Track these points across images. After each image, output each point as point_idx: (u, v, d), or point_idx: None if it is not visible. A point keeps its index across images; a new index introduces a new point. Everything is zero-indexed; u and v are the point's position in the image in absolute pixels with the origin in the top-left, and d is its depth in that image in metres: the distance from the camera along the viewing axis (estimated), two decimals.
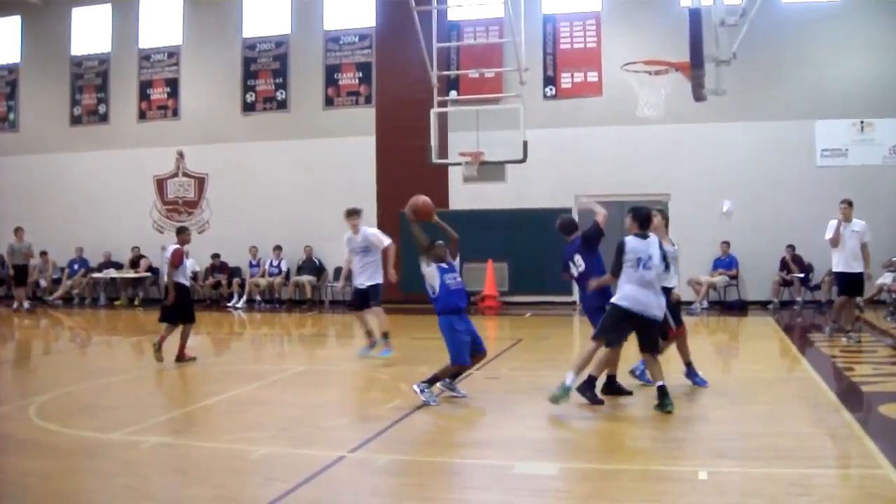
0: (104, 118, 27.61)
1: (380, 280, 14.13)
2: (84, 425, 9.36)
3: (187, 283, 14.28)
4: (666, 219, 11.40)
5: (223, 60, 26.21)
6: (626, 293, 9.61)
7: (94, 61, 27.70)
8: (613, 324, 9.70)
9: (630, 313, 9.58)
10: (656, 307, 9.72)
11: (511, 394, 10.63)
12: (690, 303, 20.99)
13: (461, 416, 9.58)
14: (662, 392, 9.36)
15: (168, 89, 26.92)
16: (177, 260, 13.78)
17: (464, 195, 23.37)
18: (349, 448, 8.07)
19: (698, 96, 14.51)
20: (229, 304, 24.30)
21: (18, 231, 24.61)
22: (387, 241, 14.19)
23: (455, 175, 22.62)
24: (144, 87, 27.17)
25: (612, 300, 9.78)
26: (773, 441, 8.17)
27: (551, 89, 23.27)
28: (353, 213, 14.47)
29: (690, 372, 10.99)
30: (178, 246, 13.83)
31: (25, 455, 8.18)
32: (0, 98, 28.75)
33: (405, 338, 15.78)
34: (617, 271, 9.70)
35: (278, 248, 24.64)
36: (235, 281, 24.97)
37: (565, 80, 23.19)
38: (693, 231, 21.36)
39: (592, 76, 22.95)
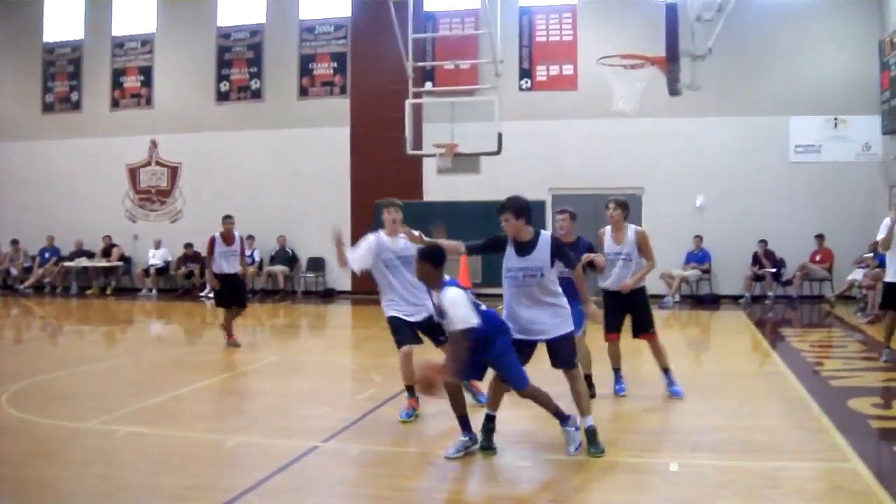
0: (77, 106, 27.39)
1: None
2: (57, 414, 9.33)
3: (229, 269, 14.57)
4: (628, 210, 10.17)
5: (197, 49, 26.06)
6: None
7: (67, 48, 27.46)
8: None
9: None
10: None
11: (486, 386, 10.63)
12: (663, 296, 21.12)
13: (435, 407, 9.59)
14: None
15: (141, 77, 26.72)
16: (208, 249, 14.58)
17: (438, 186, 23.36)
18: (323, 438, 8.09)
19: (673, 91, 14.59)
20: (202, 294, 24.19)
21: None
22: None
23: (429, 166, 22.56)
24: (117, 75, 26.95)
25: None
26: (743, 434, 8.25)
27: (527, 82, 23.29)
28: (396, 206, 9.34)
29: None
30: (214, 234, 14.49)
31: None
32: None
33: (375, 329, 15.76)
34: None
35: (251, 238, 24.56)
36: (207, 271, 24.82)
37: (541, 73, 23.22)
38: (666, 225, 21.47)
39: (568, 69, 22.99)
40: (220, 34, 25.92)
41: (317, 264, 24.19)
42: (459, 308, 7.11)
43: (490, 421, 7.76)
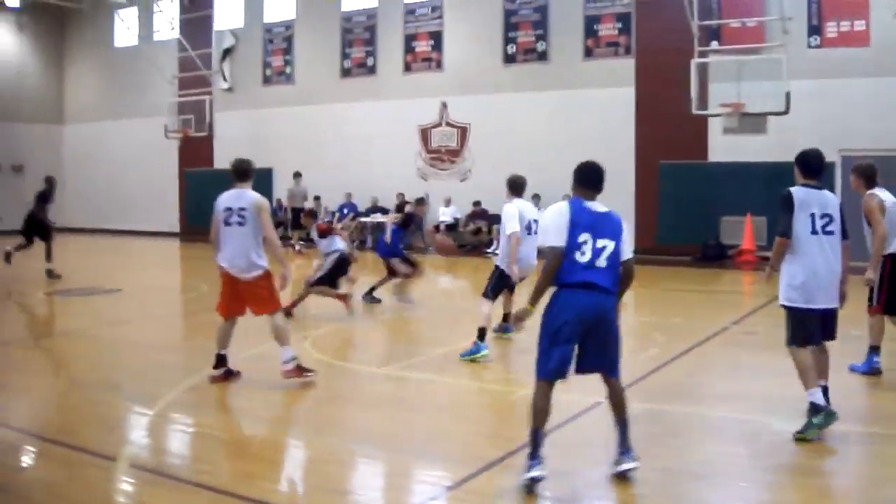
0: (372, 70, 28.84)
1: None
2: (353, 358, 10.16)
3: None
4: (865, 177, 9.25)
5: (485, 13, 26.74)
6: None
7: (363, 16, 28.91)
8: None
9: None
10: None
11: (766, 350, 10.60)
12: None
13: (716, 369, 9.69)
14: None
15: (432, 42, 27.75)
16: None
17: (723, 147, 22.94)
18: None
19: None
20: (488, 250, 24.96)
21: (297, 176, 26.45)
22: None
23: (714, 126, 22.25)
24: (409, 40, 28.13)
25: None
26: None
27: (816, 39, 22.42)
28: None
29: None
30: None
31: (301, 383, 8.91)
32: (278, 53, 30.59)
33: (657, 290, 15.89)
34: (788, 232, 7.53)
35: (536, 197, 25.03)
36: (495, 228, 25.58)
37: (830, 30, 22.29)
38: None
39: (860, 25, 21.92)
40: None
41: None
42: None
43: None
